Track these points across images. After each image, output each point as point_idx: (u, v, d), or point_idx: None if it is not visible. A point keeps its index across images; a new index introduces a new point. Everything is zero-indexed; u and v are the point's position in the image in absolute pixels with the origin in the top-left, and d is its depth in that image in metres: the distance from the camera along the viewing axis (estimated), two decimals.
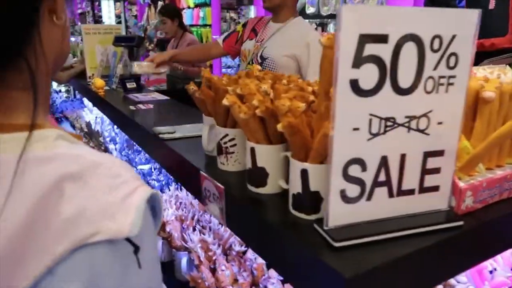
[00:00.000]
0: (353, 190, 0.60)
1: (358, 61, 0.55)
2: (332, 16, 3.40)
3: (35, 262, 0.36)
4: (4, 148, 0.40)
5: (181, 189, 1.37)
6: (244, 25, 2.21)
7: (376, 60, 0.56)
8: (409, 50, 0.57)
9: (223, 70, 5.55)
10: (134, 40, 2.07)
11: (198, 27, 5.86)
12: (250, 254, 1.07)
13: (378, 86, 0.57)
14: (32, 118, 0.43)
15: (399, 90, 0.58)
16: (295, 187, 0.67)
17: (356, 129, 0.58)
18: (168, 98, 1.88)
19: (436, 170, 0.65)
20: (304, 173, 0.65)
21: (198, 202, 1.24)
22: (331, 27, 3.56)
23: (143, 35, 7.02)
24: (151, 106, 1.66)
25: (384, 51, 0.56)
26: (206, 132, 0.97)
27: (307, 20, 3.55)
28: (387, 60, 0.56)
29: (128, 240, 0.40)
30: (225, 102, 0.75)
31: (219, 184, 0.81)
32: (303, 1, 3.46)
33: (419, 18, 0.57)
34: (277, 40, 2.00)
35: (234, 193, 0.80)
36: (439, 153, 0.64)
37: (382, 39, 0.55)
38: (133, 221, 0.40)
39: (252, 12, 6.16)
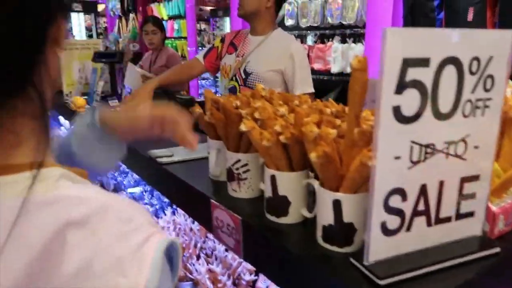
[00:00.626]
0: (393, 222, 0.57)
1: (401, 86, 0.52)
2: (311, 28, 3.42)
3: None
4: (4, 192, 0.35)
5: (177, 213, 1.30)
6: (222, 40, 2.16)
7: (418, 84, 0.53)
8: (449, 74, 0.55)
9: (200, 82, 5.49)
10: (115, 56, 1.99)
11: (173, 39, 5.78)
12: (261, 283, 1.02)
13: (419, 112, 0.54)
14: (41, 152, 0.39)
15: (439, 115, 0.56)
16: (326, 218, 0.63)
17: (397, 157, 0.54)
18: None
19: (472, 196, 0.63)
20: (337, 204, 0.61)
21: (199, 227, 1.17)
22: (309, 39, 3.58)
23: (114, 48, 6.88)
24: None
25: (426, 75, 0.53)
26: (214, 156, 0.91)
27: (286, 32, 3.57)
28: (429, 84, 0.54)
29: None
30: (242, 128, 0.70)
31: (235, 215, 0.76)
32: (282, 14, 3.46)
33: (458, 40, 0.54)
34: (260, 54, 1.97)
35: (251, 224, 0.75)
36: (475, 178, 0.62)
37: (424, 62, 0.52)
38: (148, 278, 0.34)
39: (227, 23, 6.15)
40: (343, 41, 3.14)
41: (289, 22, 3.49)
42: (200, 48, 6.08)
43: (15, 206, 0.34)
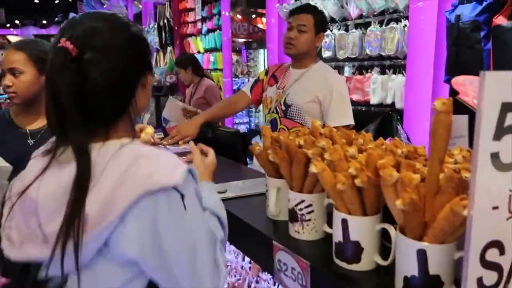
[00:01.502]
0: (490, 278, 0.52)
1: (500, 132, 0.49)
2: (349, 60, 3.41)
3: (120, 204, 0.62)
4: (113, 142, 0.70)
5: (227, 251, 1.28)
6: (266, 73, 2.19)
7: None
8: None
9: None
10: (162, 89, 2.04)
11: (209, 71, 5.92)
12: None
13: None
14: (130, 136, 0.74)
15: None
16: (408, 268, 0.59)
17: (495, 207, 0.50)
18: None
19: None
20: (422, 254, 0.57)
21: (251, 265, 1.14)
22: (347, 70, 3.58)
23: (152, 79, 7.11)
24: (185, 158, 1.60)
25: None
26: (273, 195, 0.89)
27: (342, 63, 3.58)
28: None
29: (176, 189, 0.65)
30: (313, 170, 0.68)
31: (303, 260, 0.73)
32: (319, 45, 3.49)
33: None
34: (300, 86, 1.98)
35: (319, 269, 0.72)
36: None
37: None
38: (178, 177, 0.66)
39: (261, 55, 6.25)
40: (382, 72, 3.11)
41: (326, 54, 3.50)
42: (234, 79, 6.20)
43: (112, 150, 0.68)
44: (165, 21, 6.90)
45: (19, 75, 1.32)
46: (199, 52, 6.17)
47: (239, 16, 8.89)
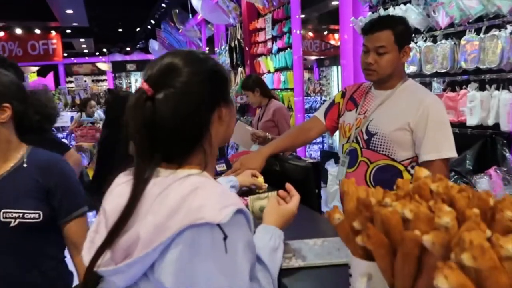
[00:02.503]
0: None
1: None
2: (437, 75, 2.98)
3: (168, 231, 0.65)
4: (183, 171, 0.75)
5: None
6: (342, 95, 1.88)
7: None
8: None
9: None
10: None
11: (279, 90, 5.74)
12: None
13: None
14: (203, 168, 0.78)
15: None
16: None
17: None
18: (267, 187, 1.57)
19: None
20: None
21: None
22: (436, 87, 3.13)
23: None
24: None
25: None
26: (364, 285, 0.60)
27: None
28: None
29: (220, 227, 0.65)
30: (442, 285, 0.38)
31: None
32: (407, 59, 3.10)
33: None
34: (386, 110, 1.64)
35: None
36: None
37: None
38: (224, 216, 0.65)
39: (334, 72, 5.95)
40: (481, 88, 2.64)
41: (410, 69, 3.10)
42: (306, 97, 5.94)
43: (179, 178, 0.73)
44: (236, 42, 6.91)
45: None
46: (269, 71, 6.03)
47: (310, 34, 8.69)
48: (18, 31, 10.87)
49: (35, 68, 14.12)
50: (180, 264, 0.65)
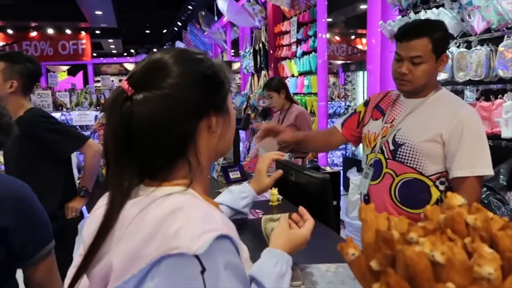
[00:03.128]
0: None
1: None
2: (470, 83, 2.80)
3: (143, 260, 0.57)
4: (163, 190, 0.65)
5: None
6: (365, 104, 1.76)
7: None
8: None
9: None
10: (240, 122, 1.76)
11: (302, 95, 5.62)
12: None
13: None
14: (187, 185, 0.68)
15: None
16: None
17: None
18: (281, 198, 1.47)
19: None
20: None
21: None
22: (468, 96, 2.95)
23: (246, 103, 7.07)
24: (261, 214, 1.25)
25: None
26: None
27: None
28: None
29: (197, 258, 0.56)
30: None
31: None
32: (443, 69, 2.94)
33: None
34: (416, 119, 1.51)
35: None
36: None
37: None
38: (202, 244, 0.56)
39: (360, 77, 5.78)
40: None
41: (441, 76, 2.93)
42: (330, 102, 5.80)
43: (159, 197, 0.63)
44: (260, 45, 6.84)
45: None
46: (293, 75, 5.92)
47: (337, 38, 8.53)
48: (50, 31, 11.18)
49: (65, 67, 14.50)
50: None
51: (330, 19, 6.36)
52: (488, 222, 0.53)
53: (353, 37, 8.13)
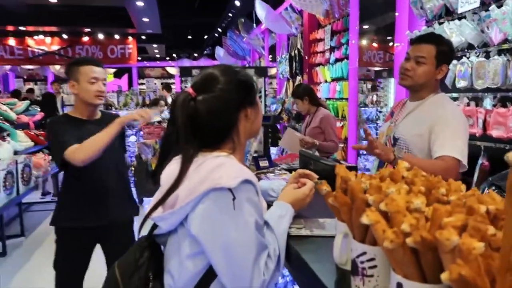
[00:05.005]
0: None
1: None
2: (488, 90, 2.99)
3: (197, 193, 0.92)
4: (215, 154, 1.01)
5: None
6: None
7: None
8: None
9: None
10: (269, 119, 2.09)
11: (334, 100, 5.88)
12: None
13: None
14: (231, 153, 1.04)
15: None
16: None
17: None
18: None
19: None
20: None
21: None
22: (487, 102, 3.13)
23: (281, 107, 7.39)
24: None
25: None
26: (340, 240, 0.82)
27: (456, 94, 3.20)
28: None
29: (230, 191, 0.91)
30: (364, 220, 0.60)
31: None
32: (453, 75, 3.15)
33: None
34: (411, 118, 1.81)
35: None
36: None
37: None
38: (233, 182, 0.91)
39: (392, 84, 5.96)
40: None
41: (461, 83, 3.13)
42: (364, 108, 6.01)
43: (211, 158, 1.00)
44: (296, 51, 7.15)
45: None
46: (326, 81, 6.19)
47: (374, 45, 8.68)
48: (100, 36, 12.02)
49: (112, 70, 15.42)
50: (204, 216, 0.91)
51: (367, 26, 6.58)
52: (417, 176, 0.83)
53: (387, 44, 8.27)
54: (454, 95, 3.23)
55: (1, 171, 3.39)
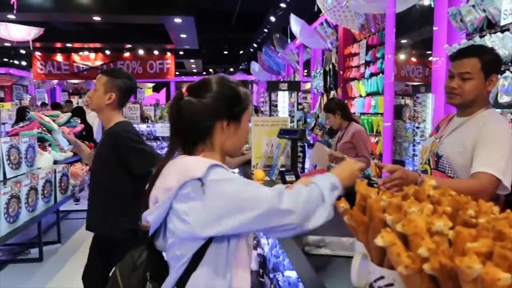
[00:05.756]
0: None
1: None
2: None
3: (174, 188, 0.97)
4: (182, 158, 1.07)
5: None
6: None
7: None
8: None
9: None
10: (297, 133, 2.06)
11: (369, 115, 5.75)
12: None
13: None
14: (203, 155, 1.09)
15: None
16: None
17: None
18: None
19: None
20: None
21: None
22: None
23: (314, 122, 7.32)
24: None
25: None
26: (357, 262, 0.77)
27: (500, 110, 3.02)
28: None
29: (199, 180, 0.96)
30: (378, 242, 0.55)
31: None
32: (495, 90, 2.99)
33: None
34: (456, 135, 1.68)
35: None
36: None
37: None
38: (201, 171, 0.96)
39: (430, 99, 5.75)
40: None
41: (504, 98, 2.97)
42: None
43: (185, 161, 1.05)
44: (330, 66, 7.09)
45: None
46: (360, 95, 6.07)
47: (412, 59, 8.47)
48: (141, 52, 12.49)
49: (151, 84, 15.94)
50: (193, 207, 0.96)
51: (405, 40, 6.43)
52: (444, 195, 0.77)
53: (426, 59, 8.04)
54: (498, 110, 3.05)
55: (40, 180, 3.53)
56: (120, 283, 1.06)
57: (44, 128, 4.78)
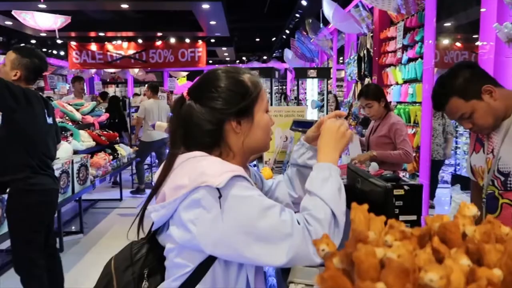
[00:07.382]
0: None
1: None
2: None
3: (185, 189, 0.88)
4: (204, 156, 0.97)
5: None
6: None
7: None
8: None
9: None
10: (311, 125, 1.76)
11: (406, 104, 5.29)
12: None
13: None
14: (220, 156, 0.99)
15: None
16: None
17: None
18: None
19: None
20: None
21: None
22: None
23: (348, 111, 6.92)
24: None
25: None
26: None
27: None
28: None
29: (218, 190, 0.85)
30: None
31: None
32: None
33: None
34: (509, 141, 1.39)
35: None
36: None
37: None
38: (221, 181, 0.85)
39: None
40: None
41: None
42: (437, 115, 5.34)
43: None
44: (365, 51, 6.64)
45: None
46: (397, 83, 5.62)
47: (458, 44, 7.83)
48: (172, 40, 12.39)
49: (185, 73, 15.91)
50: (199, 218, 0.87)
51: (445, 24, 5.88)
52: (489, 236, 0.49)
53: (476, 43, 7.38)
54: None
55: (56, 171, 3.44)
56: (113, 274, 0.98)
57: (67, 117, 4.73)
